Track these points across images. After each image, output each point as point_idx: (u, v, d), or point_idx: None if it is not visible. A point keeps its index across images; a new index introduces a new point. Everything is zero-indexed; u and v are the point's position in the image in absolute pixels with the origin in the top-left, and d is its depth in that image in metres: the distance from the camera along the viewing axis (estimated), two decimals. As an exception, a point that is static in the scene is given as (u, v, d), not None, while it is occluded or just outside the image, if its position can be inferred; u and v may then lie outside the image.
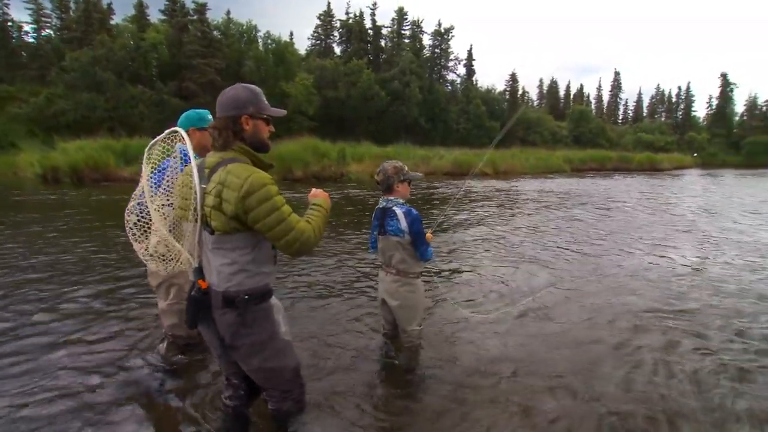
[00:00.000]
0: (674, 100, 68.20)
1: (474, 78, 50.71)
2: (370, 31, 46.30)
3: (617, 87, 72.39)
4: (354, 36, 45.31)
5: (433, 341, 3.25)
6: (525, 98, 60.59)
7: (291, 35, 44.95)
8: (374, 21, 46.34)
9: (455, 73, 50.46)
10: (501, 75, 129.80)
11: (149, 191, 1.68)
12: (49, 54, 30.69)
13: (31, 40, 33.64)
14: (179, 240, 1.69)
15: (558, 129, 52.31)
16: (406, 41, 46.53)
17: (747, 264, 5.71)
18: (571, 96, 68.84)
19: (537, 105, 67.11)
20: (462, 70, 50.35)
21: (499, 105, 50.39)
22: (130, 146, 17.24)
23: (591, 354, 3.16)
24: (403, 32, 47.04)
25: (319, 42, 47.64)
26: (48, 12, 34.06)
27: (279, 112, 1.78)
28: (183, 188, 1.68)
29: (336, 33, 47.56)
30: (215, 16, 39.03)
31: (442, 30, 48.32)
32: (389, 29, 47.23)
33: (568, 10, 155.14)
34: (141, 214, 1.76)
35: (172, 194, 1.71)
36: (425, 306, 2.98)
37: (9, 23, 32.45)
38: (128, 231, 1.79)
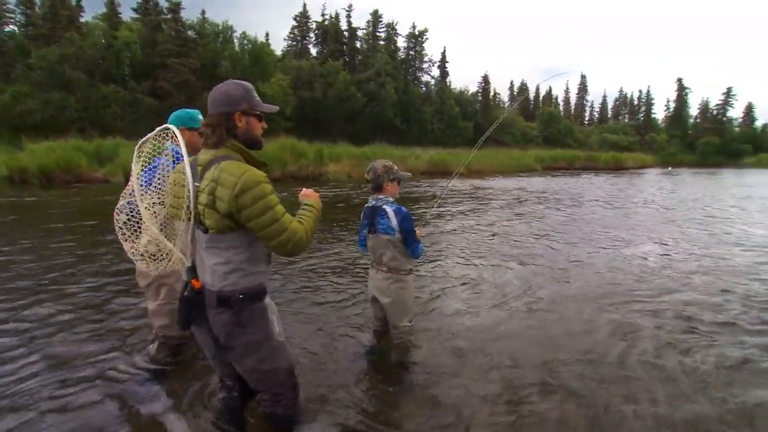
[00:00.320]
0: (636, 103, 71.93)
1: (448, 79, 51.99)
2: (346, 33, 46.78)
3: (583, 89, 75.72)
4: (330, 37, 45.71)
5: (424, 336, 3.26)
6: (497, 100, 62.43)
7: (267, 36, 44.87)
8: (350, 23, 46.96)
9: (429, 75, 51.70)
10: (473, 77, 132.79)
11: (139, 189, 1.65)
12: (13, 50, 29.69)
13: (-6, 36, 32.43)
14: (171, 239, 1.65)
15: (529, 129, 54.22)
16: (382, 43, 47.22)
17: (712, 254, 6.20)
18: (541, 98, 71.35)
19: (508, 106, 69.21)
20: (436, 72, 51.60)
21: (472, 106, 51.85)
22: (104, 147, 17.15)
23: (583, 343, 3.21)
24: (379, 34, 47.78)
25: (295, 43, 47.73)
26: (12, 7, 32.88)
27: (272, 108, 1.76)
28: (175, 186, 1.65)
29: (312, 34, 47.79)
30: (190, 16, 38.67)
31: (417, 32, 49.39)
32: (365, 31, 47.92)
33: (537, 12, 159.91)
34: (131, 213, 1.72)
35: (164, 192, 1.68)
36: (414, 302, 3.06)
37: (-31, 18, 31.22)
38: (117, 230, 1.74)
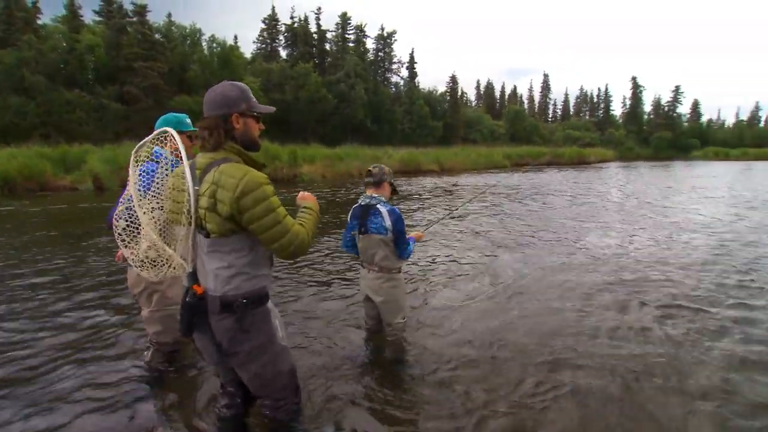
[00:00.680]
0: (596, 101, 75.66)
1: (417, 80, 52.91)
2: (315, 35, 47.04)
3: (546, 88, 78.97)
4: (299, 40, 45.87)
5: (418, 332, 3.30)
6: (464, 99, 64.23)
7: (236, 39, 44.70)
8: (319, 25, 47.18)
9: (399, 76, 52.56)
10: (442, 77, 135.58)
11: (137, 195, 1.63)
12: (-36, 54, 28.53)
13: (-57, 39, 30.90)
14: (170, 244, 1.63)
15: (496, 127, 56.24)
16: (351, 45, 47.78)
17: (676, 239, 6.62)
18: (506, 96, 73.90)
19: (475, 105, 71.32)
20: (405, 73, 52.51)
21: (441, 105, 53.18)
22: (70, 153, 16.55)
23: (577, 331, 3.29)
24: (348, 36, 48.27)
25: (265, 46, 47.61)
26: (-38, 9, 31.49)
27: (268, 109, 1.75)
28: (174, 191, 1.64)
29: (281, 37, 47.81)
30: (156, 19, 38.07)
31: (385, 34, 50.21)
32: (334, 33, 48.31)
33: (502, 15, 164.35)
34: (130, 219, 1.71)
35: (162, 197, 1.66)
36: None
37: None
38: (117, 237, 1.74)
